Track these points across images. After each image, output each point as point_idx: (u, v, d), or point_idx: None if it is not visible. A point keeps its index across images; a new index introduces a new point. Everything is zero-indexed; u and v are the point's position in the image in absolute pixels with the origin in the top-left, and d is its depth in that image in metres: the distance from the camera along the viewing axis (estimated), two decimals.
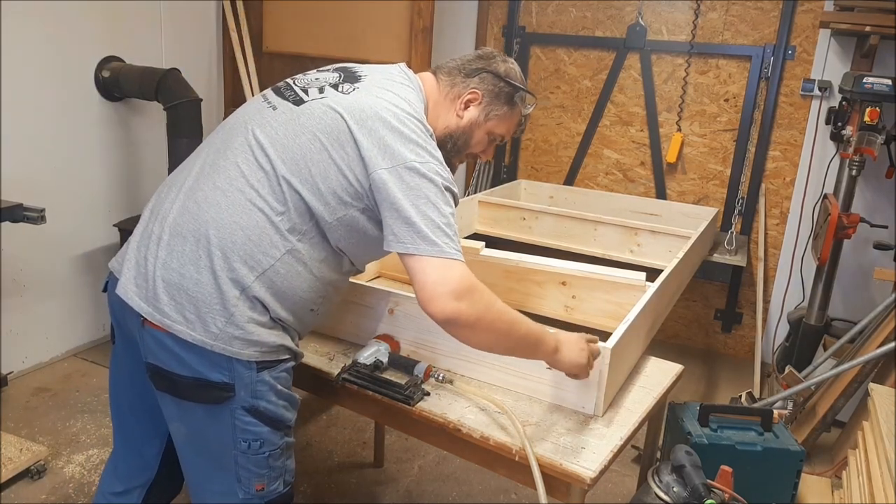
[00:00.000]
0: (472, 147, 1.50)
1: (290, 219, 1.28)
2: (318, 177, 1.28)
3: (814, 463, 2.56)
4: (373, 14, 3.43)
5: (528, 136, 3.93)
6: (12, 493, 2.24)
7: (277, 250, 1.28)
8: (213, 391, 1.28)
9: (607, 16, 3.62)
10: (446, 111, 1.47)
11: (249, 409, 1.30)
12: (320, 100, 1.34)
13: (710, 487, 1.39)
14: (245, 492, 1.36)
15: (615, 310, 1.89)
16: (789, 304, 3.37)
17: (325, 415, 2.87)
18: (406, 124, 1.30)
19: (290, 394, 1.39)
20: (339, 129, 1.29)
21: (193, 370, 1.27)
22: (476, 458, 1.45)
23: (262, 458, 1.35)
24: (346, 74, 1.41)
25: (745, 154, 3.42)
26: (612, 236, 2.81)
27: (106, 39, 3.06)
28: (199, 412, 1.32)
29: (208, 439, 1.34)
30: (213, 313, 1.25)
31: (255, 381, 1.29)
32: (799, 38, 3.25)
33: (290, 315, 1.34)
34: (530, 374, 1.51)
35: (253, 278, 1.26)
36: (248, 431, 1.32)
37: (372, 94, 1.35)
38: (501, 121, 1.50)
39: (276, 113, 1.35)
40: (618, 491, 2.46)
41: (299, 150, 1.29)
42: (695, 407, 1.83)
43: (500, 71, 1.48)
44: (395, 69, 1.47)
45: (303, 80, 1.42)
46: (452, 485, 2.47)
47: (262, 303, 1.28)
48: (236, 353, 1.26)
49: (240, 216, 1.27)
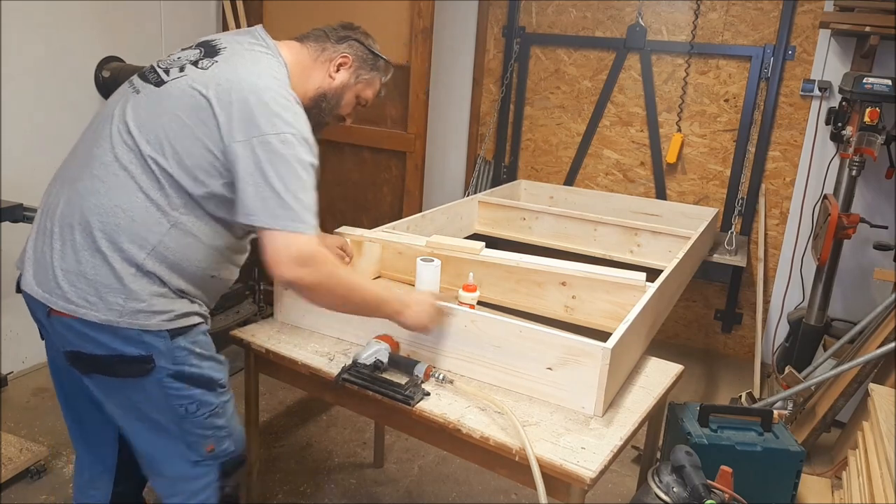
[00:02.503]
0: (342, 108, 1.60)
1: (167, 195, 1.35)
2: (182, 153, 1.34)
3: (814, 463, 2.56)
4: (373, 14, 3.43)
5: (528, 137, 3.94)
6: (12, 494, 2.24)
7: (162, 226, 1.34)
8: (134, 365, 1.35)
9: (607, 16, 3.62)
10: (318, 73, 1.55)
11: (176, 376, 1.38)
12: (180, 79, 1.39)
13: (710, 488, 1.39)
14: (197, 454, 1.44)
15: (615, 310, 1.89)
16: (789, 304, 3.37)
17: (325, 415, 2.87)
18: (262, 95, 1.35)
19: (213, 354, 1.46)
20: (198, 106, 1.34)
21: (109, 348, 1.34)
22: (476, 458, 1.46)
23: (204, 419, 1.43)
24: (206, 49, 1.46)
25: (745, 154, 3.42)
26: (612, 237, 2.82)
27: (106, 39, 3.06)
28: (129, 387, 1.38)
29: (147, 412, 1.41)
30: (112, 293, 1.32)
31: (171, 348, 1.37)
32: (799, 38, 3.25)
33: (189, 284, 1.41)
34: (530, 374, 1.51)
35: (144, 255, 1.33)
36: (181, 397, 1.39)
37: (230, 66, 1.40)
38: (368, 85, 1.62)
39: (140, 97, 1.40)
40: (618, 491, 2.46)
41: (162, 129, 1.35)
42: (695, 407, 1.83)
43: (366, 42, 1.61)
44: (253, 37, 1.50)
45: (166, 62, 1.46)
46: (452, 485, 2.47)
47: (159, 276, 1.35)
48: (143, 325, 1.33)
49: (119, 199, 1.33)
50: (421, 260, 1.86)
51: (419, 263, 1.85)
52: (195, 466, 1.46)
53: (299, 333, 1.79)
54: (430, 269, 1.85)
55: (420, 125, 3.38)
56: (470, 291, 1.78)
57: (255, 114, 1.32)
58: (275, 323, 1.85)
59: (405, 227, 2.35)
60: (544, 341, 1.47)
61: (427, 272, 1.85)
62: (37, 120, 2.84)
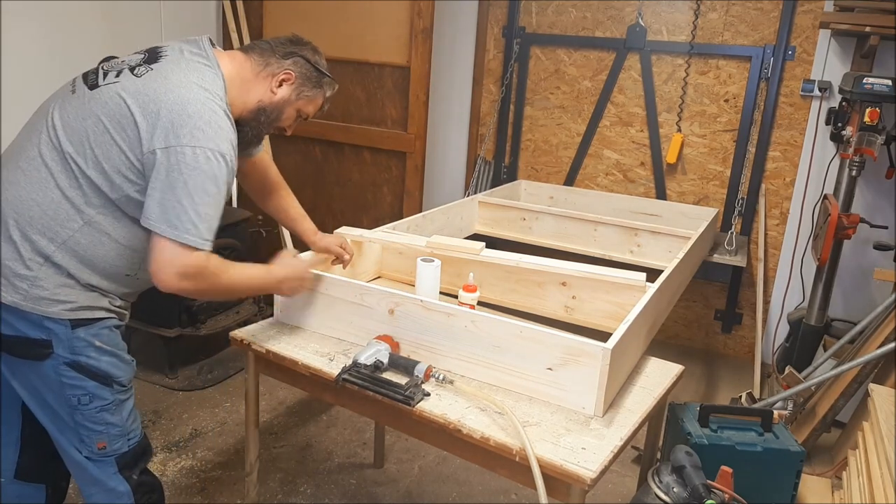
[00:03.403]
0: (282, 121, 1.63)
1: (84, 194, 1.40)
2: (101, 157, 1.39)
3: (814, 463, 2.56)
4: (373, 14, 3.43)
5: (528, 137, 3.94)
6: None
7: (74, 222, 1.41)
8: (34, 348, 1.42)
9: (607, 16, 3.62)
10: (259, 87, 1.57)
11: (72, 365, 1.44)
12: (112, 85, 1.43)
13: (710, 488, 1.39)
14: (88, 450, 1.50)
15: (615, 310, 1.89)
16: (789, 304, 3.37)
17: (325, 415, 2.87)
18: (187, 107, 1.38)
19: (115, 351, 1.51)
20: (121, 114, 1.39)
21: (15, 328, 1.41)
22: (476, 458, 1.46)
23: (95, 413, 1.48)
24: (149, 55, 1.49)
25: (745, 154, 3.41)
26: (612, 237, 2.82)
27: (106, 39, 3.06)
28: (28, 370, 1.45)
29: (45, 397, 1.48)
30: (17, 278, 1.39)
31: (71, 337, 1.43)
32: (799, 38, 3.25)
33: (102, 280, 1.47)
34: (530, 374, 1.51)
35: (54, 248, 1.40)
36: (75, 387, 1.45)
37: (162, 76, 1.43)
38: (309, 101, 1.64)
39: (74, 97, 1.46)
40: (618, 491, 2.46)
41: (84, 132, 1.40)
42: (695, 407, 1.83)
43: (310, 58, 1.61)
44: (196, 47, 1.52)
45: (109, 64, 1.50)
46: (453, 485, 2.47)
47: (67, 269, 1.42)
48: (44, 311, 1.40)
49: (36, 193, 1.40)
50: (421, 260, 1.86)
51: (419, 263, 1.86)
52: (89, 461, 1.52)
53: (299, 334, 1.79)
54: (431, 269, 1.85)
55: (420, 125, 3.38)
56: (470, 292, 1.79)
57: (176, 124, 1.36)
58: (275, 323, 1.85)
59: (405, 227, 2.35)
60: (544, 341, 1.47)
61: (427, 272, 1.85)
62: None
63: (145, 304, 1.71)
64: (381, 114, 3.53)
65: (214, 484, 2.40)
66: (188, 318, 2.99)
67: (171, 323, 2.96)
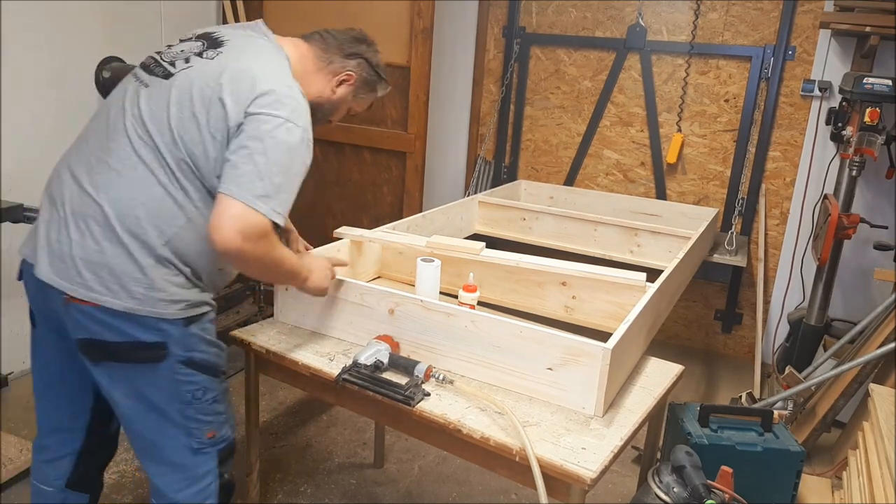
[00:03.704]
0: (332, 116, 1.65)
1: (184, 188, 1.38)
2: (190, 143, 1.36)
3: (814, 463, 2.56)
4: (373, 14, 3.43)
5: (528, 137, 3.94)
6: (12, 494, 2.24)
7: (178, 219, 1.38)
8: (148, 351, 1.39)
9: (607, 16, 3.62)
10: (320, 83, 1.57)
11: (186, 362, 1.43)
12: (188, 69, 1.42)
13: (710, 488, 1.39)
14: (198, 441, 1.49)
15: (615, 310, 1.89)
16: (789, 304, 3.37)
17: (325, 415, 2.87)
18: (269, 82, 1.37)
19: (217, 342, 1.52)
20: (206, 96, 1.37)
21: (126, 335, 1.38)
22: (476, 458, 1.46)
23: (208, 405, 1.49)
24: (208, 42, 1.47)
25: (746, 154, 3.42)
26: (612, 237, 2.82)
27: (106, 39, 3.06)
28: (139, 372, 1.42)
29: (152, 397, 1.44)
30: (133, 282, 1.36)
31: (185, 335, 1.42)
32: (799, 38, 3.25)
33: (204, 274, 1.46)
34: (530, 374, 1.51)
35: (162, 246, 1.37)
36: (190, 382, 1.45)
37: (234, 56, 1.42)
38: (363, 102, 1.67)
39: (149, 90, 1.43)
40: (618, 491, 2.46)
41: (174, 123, 1.37)
42: (695, 407, 1.83)
43: (373, 61, 1.62)
44: (256, 30, 1.52)
45: (169, 54, 1.47)
46: (453, 485, 2.47)
47: (175, 266, 1.40)
48: (161, 313, 1.38)
49: (137, 192, 1.36)
50: (421, 260, 1.86)
51: (419, 263, 1.85)
52: (195, 454, 1.50)
53: (300, 334, 1.79)
54: (431, 270, 1.85)
55: (420, 125, 3.38)
56: (470, 292, 1.78)
57: (260, 97, 1.35)
58: (275, 323, 1.85)
59: (405, 227, 2.35)
60: (544, 341, 1.47)
61: (427, 272, 1.85)
62: (37, 120, 2.84)
63: None
64: (381, 114, 3.53)
65: None
66: None
67: None
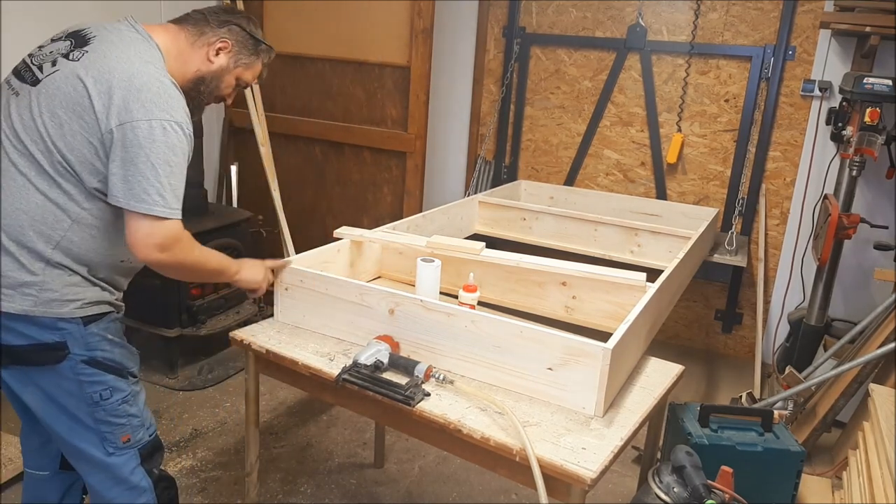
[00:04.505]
0: (221, 90, 1.63)
1: (65, 192, 1.39)
2: (65, 150, 1.38)
3: (814, 463, 2.56)
4: (373, 14, 3.43)
5: (528, 137, 3.94)
6: (12, 494, 2.24)
7: (63, 223, 1.40)
8: (49, 352, 1.42)
9: (607, 16, 3.62)
10: (196, 57, 1.56)
11: (89, 362, 1.45)
12: (54, 74, 1.42)
13: (710, 488, 1.39)
14: (113, 445, 1.50)
15: (615, 310, 1.89)
16: (789, 304, 3.36)
17: (325, 415, 2.87)
18: (134, 80, 1.38)
19: (124, 343, 1.54)
20: (74, 101, 1.38)
21: (27, 337, 1.41)
22: (477, 458, 1.46)
23: (117, 406, 1.50)
24: (76, 40, 1.48)
25: (746, 154, 3.41)
26: (612, 237, 2.81)
27: None
28: (44, 376, 1.45)
29: (62, 402, 1.47)
30: (24, 286, 1.39)
31: (84, 334, 1.44)
32: (799, 38, 3.25)
33: (102, 271, 1.48)
34: (531, 374, 1.51)
35: (51, 251, 1.40)
36: (94, 383, 1.46)
37: (100, 54, 1.42)
38: (247, 68, 1.64)
39: (19, 98, 1.43)
40: (618, 491, 2.46)
41: (45, 129, 1.38)
42: (695, 407, 1.83)
43: (247, 27, 1.62)
44: (125, 25, 1.53)
45: (39, 57, 1.47)
46: (453, 485, 2.47)
47: (69, 267, 1.42)
48: (57, 312, 1.40)
49: (18, 201, 1.39)
50: (421, 260, 1.86)
51: (419, 263, 1.85)
52: (112, 457, 1.51)
53: (300, 334, 1.79)
54: (431, 270, 1.85)
55: (420, 125, 3.38)
56: (470, 292, 1.79)
57: (127, 100, 1.36)
58: (275, 323, 1.84)
59: (405, 227, 2.35)
60: (545, 341, 1.47)
61: (427, 272, 1.85)
62: None
63: (146, 304, 1.73)
64: (381, 114, 3.53)
65: (214, 484, 2.40)
66: (189, 318, 2.99)
67: (171, 323, 2.95)
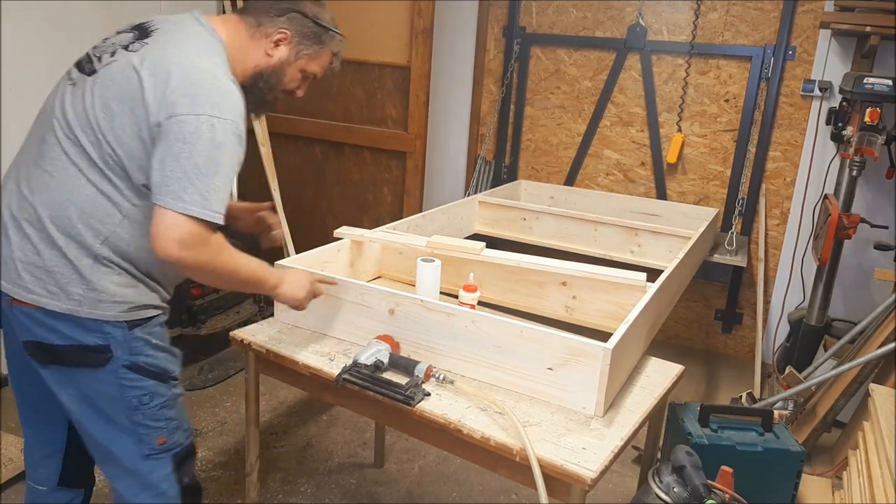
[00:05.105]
0: (285, 84, 1.54)
1: (116, 186, 1.34)
2: (115, 143, 1.33)
3: (814, 463, 2.56)
4: (373, 14, 3.43)
5: (528, 137, 3.94)
6: (12, 494, 2.24)
7: (114, 217, 1.35)
8: (91, 355, 1.37)
9: (607, 16, 3.62)
10: (255, 50, 1.48)
11: (131, 367, 1.40)
12: (110, 65, 1.37)
13: (710, 488, 1.39)
14: (149, 447, 1.45)
15: (616, 310, 1.89)
16: (789, 304, 3.36)
17: (325, 415, 2.87)
18: (190, 75, 1.32)
19: (167, 346, 1.48)
20: (127, 92, 1.32)
21: (69, 338, 1.35)
22: (477, 458, 1.46)
23: (156, 411, 1.44)
24: (139, 32, 1.43)
25: (746, 154, 3.41)
26: (612, 237, 2.82)
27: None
28: (84, 378, 1.40)
29: (100, 404, 1.42)
30: (71, 283, 1.34)
31: (129, 338, 1.39)
32: (799, 38, 3.25)
33: (149, 272, 1.42)
34: (531, 374, 1.51)
35: (99, 246, 1.35)
36: (135, 388, 1.41)
37: (159, 46, 1.37)
38: (312, 59, 1.53)
39: (76, 89, 1.40)
40: (618, 491, 2.46)
41: (96, 121, 1.33)
42: (695, 407, 1.83)
43: (308, 12, 1.50)
44: (190, 18, 1.46)
45: (101, 48, 1.44)
46: (453, 485, 2.47)
47: (117, 265, 1.37)
48: (103, 315, 1.35)
49: (69, 193, 1.34)
50: (421, 260, 1.86)
51: (419, 263, 1.85)
52: (147, 460, 1.47)
53: (300, 334, 1.79)
54: (431, 269, 1.85)
55: (420, 125, 3.38)
56: (470, 292, 1.79)
57: (179, 93, 1.30)
58: (275, 323, 1.84)
59: (405, 227, 2.35)
60: (545, 341, 1.47)
61: (427, 272, 1.85)
62: None
63: None
64: (381, 114, 3.53)
65: (214, 484, 2.40)
66: (189, 317, 2.99)
67: (171, 323, 2.89)
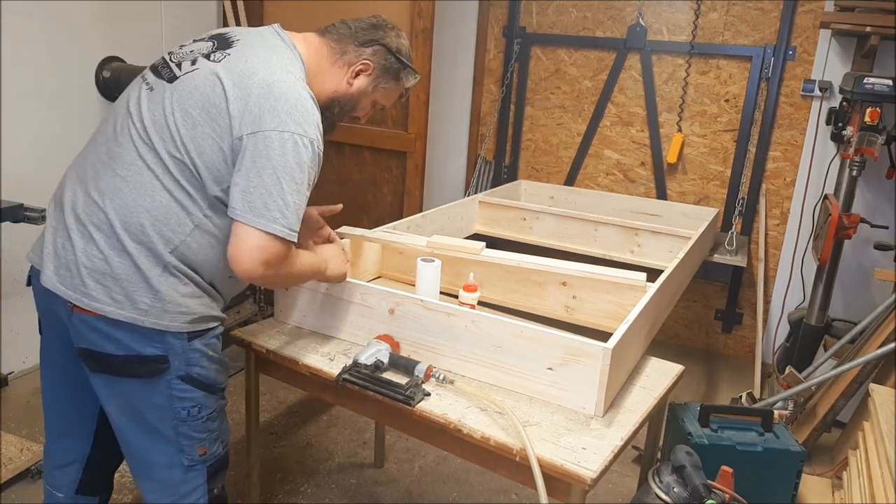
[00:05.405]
0: (357, 112, 1.58)
1: (189, 195, 1.33)
2: (194, 152, 1.32)
3: (814, 463, 2.56)
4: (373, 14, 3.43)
5: (528, 137, 3.94)
6: (12, 494, 2.24)
7: (185, 226, 1.34)
8: (147, 365, 1.35)
9: (608, 16, 3.62)
10: (335, 76, 1.50)
11: (184, 378, 1.38)
12: (191, 73, 1.36)
13: (710, 488, 1.39)
14: (189, 458, 1.44)
15: (616, 310, 1.89)
16: (790, 304, 3.36)
17: (325, 415, 2.87)
18: (273, 89, 1.31)
19: (222, 357, 1.48)
20: (210, 102, 1.32)
21: (127, 347, 1.33)
22: (477, 458, 1.46)
23: (201, 423, 1.43)
24: (219, 42, 1.42)
25: (746, 154, 3.41)
26: (612, 237, 2.81)
27: (106, 39, 3.06)
28: (135, 387, 1.38)
29: (146, 413, 1.40)
30: (139, 292, 1.32)
31: (187, 349, 1.37)
32: (799, 38, 3.25)
33: (212, 284, 1.42)
34: (531, 374, 1.51)
35: (169, 255, 1.33)
36: (185, 399, 1.40)
37: (242, 58, 1.36)
38: (387, 93, 1.57)
39: (153, 94, 1.37)
40: (618, 491, 2.46)
41: (175, 128, 1.32)
42: (695, 407, 1.83)
43: (392, 46, 1.53)
44: (270, 31, 1.47)
45: (178, 54, 1.42)
46: (453, 485, 2.47)
47: (184, 274, 1.36)
48: (167, 325, 1.34)
49: (143, 199, 1.32)
50: (421, 260, 1.86)
51: (419, 263, 1.85)
52: (186, 472, 1.45)
53: (300, 334, 1.79)
54: (431, 269, 1.84)
55: (420, 125, 3.38)
56: (470, 292, 1.78)
57: (264, 108, 1.29)
58: (275, 323, 1.84)
59: (405, 227, 2.35)
60: (545, 341, 1.47)
61: (427, 272, 1.85)
62: (37, 120, 2.84)
63: None
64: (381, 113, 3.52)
65: None
66: None
67: None
